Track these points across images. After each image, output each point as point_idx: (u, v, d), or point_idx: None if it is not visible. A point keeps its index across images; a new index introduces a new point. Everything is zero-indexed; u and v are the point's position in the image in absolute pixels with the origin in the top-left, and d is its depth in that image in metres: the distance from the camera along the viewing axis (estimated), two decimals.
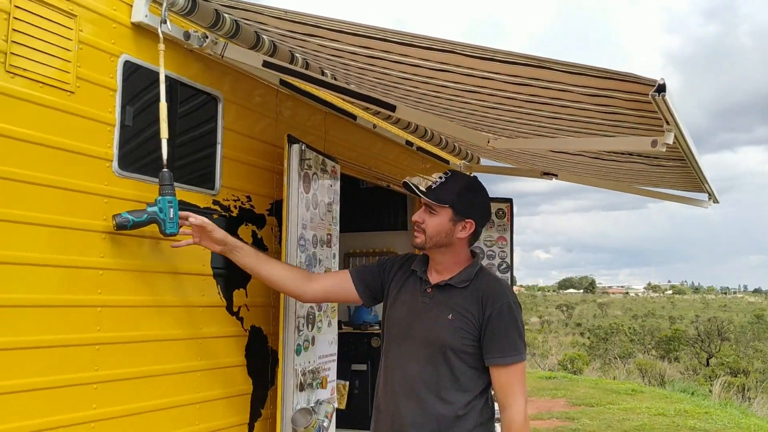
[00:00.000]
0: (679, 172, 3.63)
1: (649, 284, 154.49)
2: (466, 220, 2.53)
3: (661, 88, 1.87)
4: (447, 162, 5.25)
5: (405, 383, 2.49)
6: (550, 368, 18.60)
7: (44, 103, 2.25)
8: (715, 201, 4.44)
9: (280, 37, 2.91)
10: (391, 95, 3.31)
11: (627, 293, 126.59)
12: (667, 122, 2.18)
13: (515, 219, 5.08)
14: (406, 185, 2.63)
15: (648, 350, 27.80)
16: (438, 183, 2.57)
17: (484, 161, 5.42)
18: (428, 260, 2.63)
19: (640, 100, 2.13)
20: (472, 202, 2.56)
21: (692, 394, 13.57)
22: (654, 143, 2.40)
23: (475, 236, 2.61)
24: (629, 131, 2.62)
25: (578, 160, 3.81)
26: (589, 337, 29.05)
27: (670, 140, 2.32)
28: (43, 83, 2.24)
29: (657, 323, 38.40)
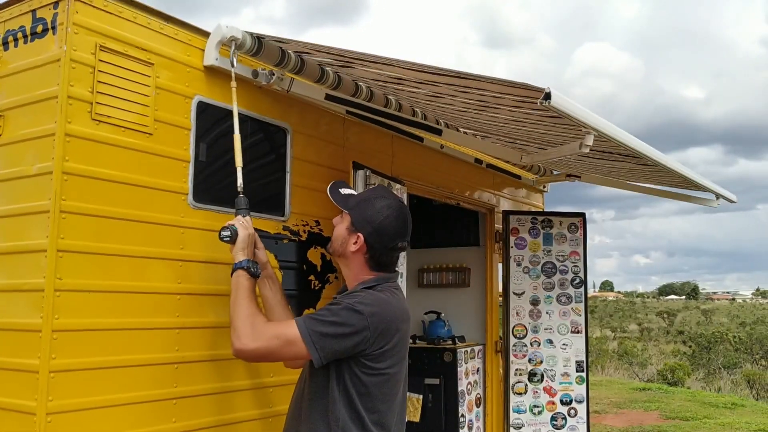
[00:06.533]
0: (662, 172, 3.62)
1: (758, 290, 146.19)
2: (358, 233, 2.40)
3: (548, 96, 2.10)
4: (518, 177, 5.28)
5: None
6: (649, 378, 17.96)
7: (126, 146, 2.49)
8: (729, 201, 4.37)
9: (330, 60, 3.08)
10: (439, 112, 3.43)
11: (734, 299, 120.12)
12: (584, 126, 2.38)
13: (587, 231, 5.07)
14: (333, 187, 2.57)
15: (757, 360, 26.28)
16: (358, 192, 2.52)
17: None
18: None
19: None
20: (366, 216, 2.40)
21: None
22: (581, 146, 2.58)
23: (373, 259, 2.41)
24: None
25: (600, 164, 3.83)
26: (691, 346, 27.79)
27: (590, 141, 2.50)
28: (125, 128, 2.49)
29: (767, 331, 36.21)
